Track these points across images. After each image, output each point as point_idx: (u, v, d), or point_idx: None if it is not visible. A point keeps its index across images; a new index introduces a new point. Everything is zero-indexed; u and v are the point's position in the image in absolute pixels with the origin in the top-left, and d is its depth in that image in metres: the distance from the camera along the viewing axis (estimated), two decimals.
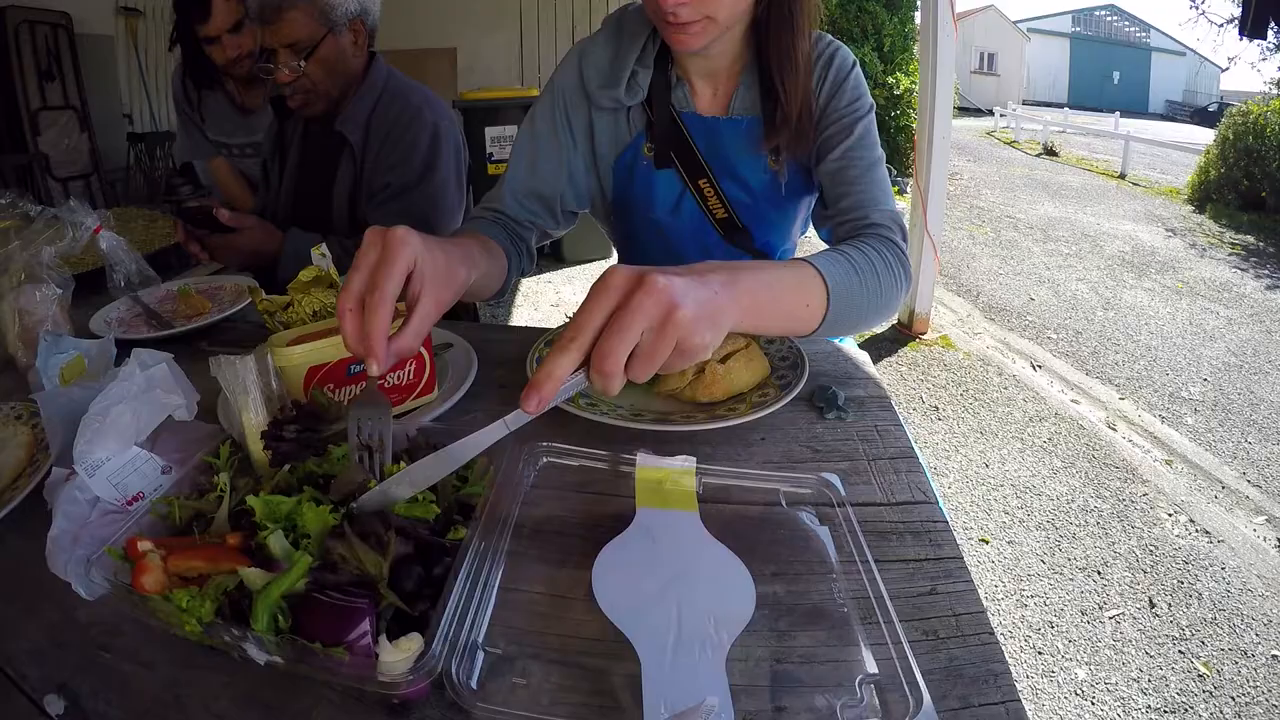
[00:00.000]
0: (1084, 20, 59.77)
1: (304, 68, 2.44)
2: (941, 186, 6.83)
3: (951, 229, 12.13)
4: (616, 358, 0.88)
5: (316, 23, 2.43)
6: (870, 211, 1.66)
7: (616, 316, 0.89)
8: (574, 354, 0.89)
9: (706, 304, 0.96)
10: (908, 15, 16.10)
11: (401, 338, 1.09)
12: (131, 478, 1.09)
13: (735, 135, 1.87)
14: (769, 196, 1.92)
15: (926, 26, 6.56)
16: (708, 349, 0.96)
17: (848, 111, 1.78)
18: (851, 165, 1.73)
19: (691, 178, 1.91)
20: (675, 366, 0.95)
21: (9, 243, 1.70)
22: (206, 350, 1.83)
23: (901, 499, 1.23)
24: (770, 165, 1.87)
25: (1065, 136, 25.38)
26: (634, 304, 0.89)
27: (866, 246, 1.51)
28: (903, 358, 6.74)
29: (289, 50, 2.42)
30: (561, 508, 1.16)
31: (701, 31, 1.57)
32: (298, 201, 2.80)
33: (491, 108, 8.56)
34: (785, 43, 1.71)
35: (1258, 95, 16.83)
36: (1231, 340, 7.46)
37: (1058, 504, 4.56)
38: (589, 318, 0.90)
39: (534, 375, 0.90)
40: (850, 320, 1.42)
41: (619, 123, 1.93)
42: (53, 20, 8.76)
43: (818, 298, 1.31)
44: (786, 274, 1.27)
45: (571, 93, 1.92)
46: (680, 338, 0.91)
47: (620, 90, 1.82)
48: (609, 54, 1.87)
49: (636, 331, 0.89)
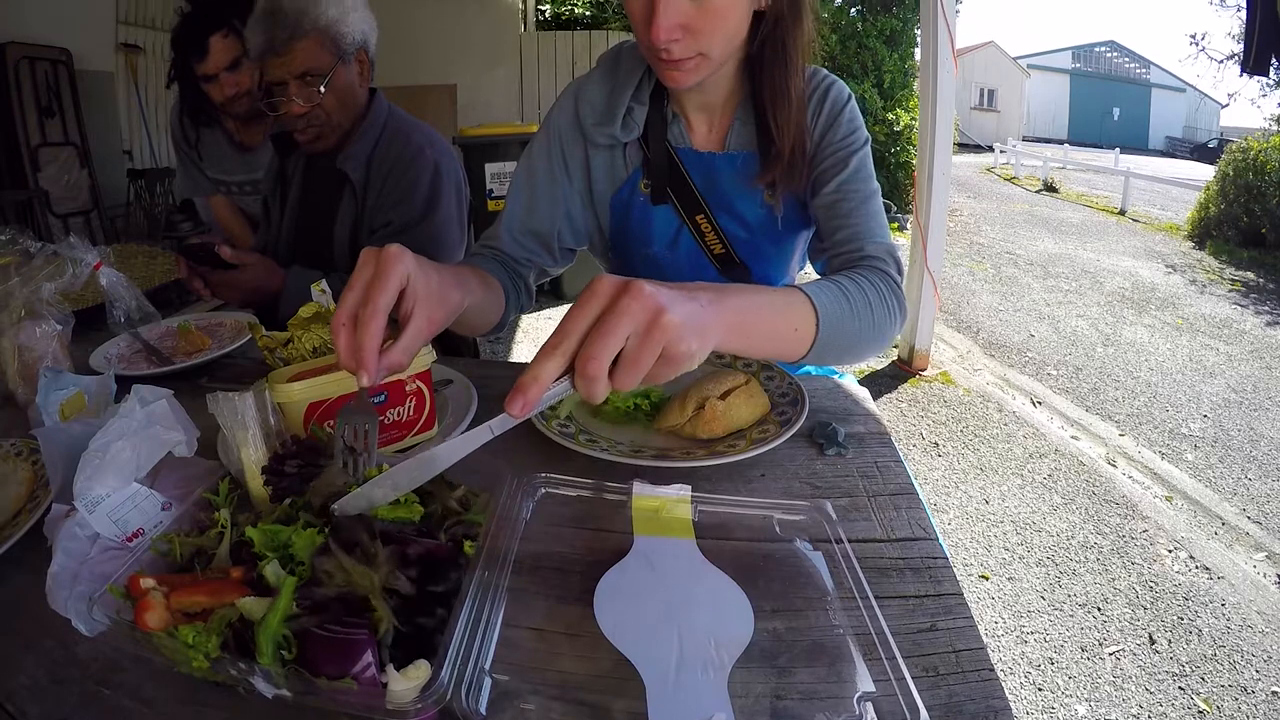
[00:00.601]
0: (1084, 56, 60.10)
1: (322, 96, 2.44)
2: (941, 222, 6.85)
3: (951, 265, 12.17)
4: (600, 361, 0.88)
5: (328, 52, 2.43)
6: (865, 244, 1.68)
7: (601, 320, 0.90)
8: (559, 359, 0.90)
9: (693, 314, 0.96)
10: (908, 51, 16.25)
11: (392, 352, 1.09)
12: (131, 514, 1.08)
13: (731, 171, 1.88)
14: (766, 231, 1.94)
15: (927, 63, 6.59)
16: (694, 358, 0.96)
17: (842, 145, 1.79)
18: (846, 198, 1.74)
19: (688, 213, 1.92)
20: (660, 376, 0.94)
21: (9, 279, 1.70)
22: (206, 386, 1.85)
23: (901, 535, 1.23)
24: (766, 199, 1.89)
25: (1065, 173, 25.47)
26: (620, 307, 0.89)
27: (859, 277, 1.52)
28: (903, 394, 6.74)
29: (300, 81, 2.41)
30: (560, 542, 1.16)
31: (694, 68, 1.59)
32: (299, 238, 2.81)
33: (491, 144, 8.57)
34: (779, 78, 1.72)
35: (1258, 131, 16.84)
36: (1231, 377, 7.46)
37: (1058, 540, 4.54)
38: (574, 323, 0.91)
39: (520, 378, 0.91)
40: (841, 348, 1.42)
41: (615, 159, 1.95)
42: (53, 56, 8.83)
43: (807, 323, 1.32)
44: (775, 297, 1.28)
45: (567, 130, 1.94)
46: (667, 343, 0.91)
47: (616, 127, 1.85)
48: (604, 91, 1.89)
49: (621, 335, 0.89)
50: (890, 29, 16.33)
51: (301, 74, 2.40)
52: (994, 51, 50.87)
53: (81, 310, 1.92)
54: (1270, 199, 13.46)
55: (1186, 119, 58.56)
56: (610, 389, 0.91)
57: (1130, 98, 58.43)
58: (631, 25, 1.59)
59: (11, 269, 1.72)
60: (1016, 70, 51.60)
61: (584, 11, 18.20)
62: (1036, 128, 54.92)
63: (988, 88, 50.73)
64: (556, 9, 18.26)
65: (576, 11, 18.24)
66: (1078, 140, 49.68)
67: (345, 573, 0.89)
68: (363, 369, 1.04)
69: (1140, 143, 53.86)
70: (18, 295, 1.70)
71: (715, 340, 1.02)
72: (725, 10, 1.51)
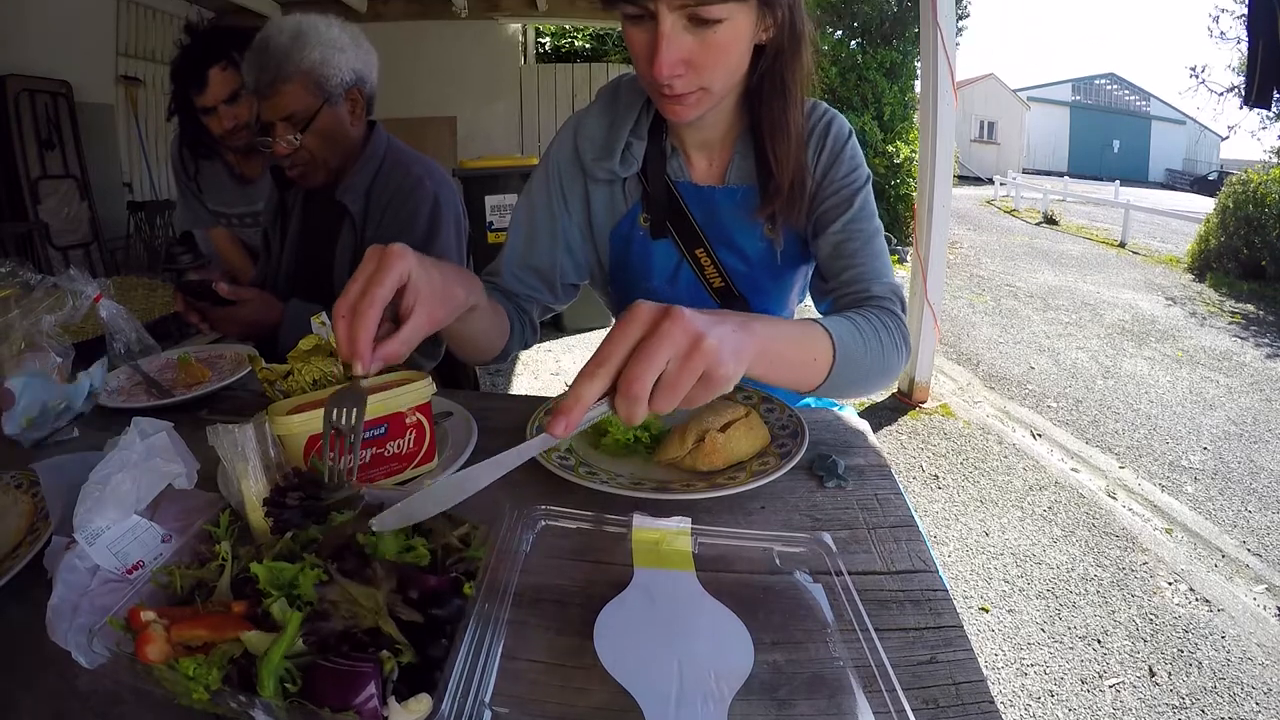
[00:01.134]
0: (1084, 89, 60.39)
1: (300, 140, 2.46)
2: (941, 255, 6.87)
3: (951, 297, 12.20)
4: (644, 382, 0.90)
5: (312, 95, 2.44)
6: (871, 284, 1.70)
7: (644, 343, 0.92)
8: (601, 379, 0.91)
9: (729, 337, 0.98)
10: (908, 84, 16.34)
11: (390, 343, 1.13)
12: (132, 546, 1.08)
13: (731, 205, 1.89)
14: (766, 265, 1.94)
15: (927, 95, 6.63)
16: (731, 381, 0.98)
17: (845, 183, 1.81)
18: (851, 238, 1.76)
19: (688, 247, 1.93)
20: (698, 399, 0.96)
21: (9, 311, 1.70)
22: (206, 419, 1.84)
23: (901, 568, 1.23)
24: (766, 233, 1.89)
25: (1065, 205, 25.59)
26: (662, 331, 0.91)
27: (871, 315, 1.56)
28: (903, 426, 6.74)
29: (286, 123, 2.43)
30: (560, 574, 1.16)
31: (696, 103, 1.60)
32: (298, 270, 2.82)
33: (491, 176, 8.64)
34: (778, 112, 1.73)
35: (1258, 164, 16.89)
36: (1231, 409, 7.46)
37: (1058, 572, 4.54)
38: (616, 346, 0.93)
39: (562, 400, 0.92)
40: (852, 381, 1.46)
41: (615, 194, 1.96)
42: (53, 89, 8.87)
43: (824, 354, 1.36)
44: (795, 328, 1.31)
45: (566, 165, 1.95)
46: (708, 366, 0.93)
47: (615, 161, 1.85)
48: (603, 125, 1.90)
49: (663, 358, 0.91)
50: (890, 61, 16.42)
51: (286, 116, 2.43)
52: (994, 84, 51.07)
53: (81, 342, 1.91)
54: (1270, 231, 13.53)
55: (1186, 151, 58.78)
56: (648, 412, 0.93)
57: (1130, 130, 58.69)
58: (632, 59, 1.60)
59: (11, 301, 1.72)
60: (1016, 102, 51.78)
61: (584, 44, 18.31)
62: (1036, 160, 55.13)
63: (988, 120, 50.86)
64: (556, 42, 18.37)
65: (576, 44, 18.33)
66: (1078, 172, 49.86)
67: (350, 601, 0.89)
68: (356, 357, 1.07)
69: (1140, 175, 54.15)
70: (18, 328, 1.70)
71: (747, 363, 1.04)
72: (727, 45, 1.50)
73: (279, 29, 2.40)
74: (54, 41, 8.98)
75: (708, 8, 1.41)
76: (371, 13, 11.93)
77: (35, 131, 8.63)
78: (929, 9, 6.27)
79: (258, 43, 2.39)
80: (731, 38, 1.50)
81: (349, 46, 2.52)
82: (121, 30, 10.27)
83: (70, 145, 9.13)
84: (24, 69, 8.43)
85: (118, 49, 10.28)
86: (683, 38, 1.46)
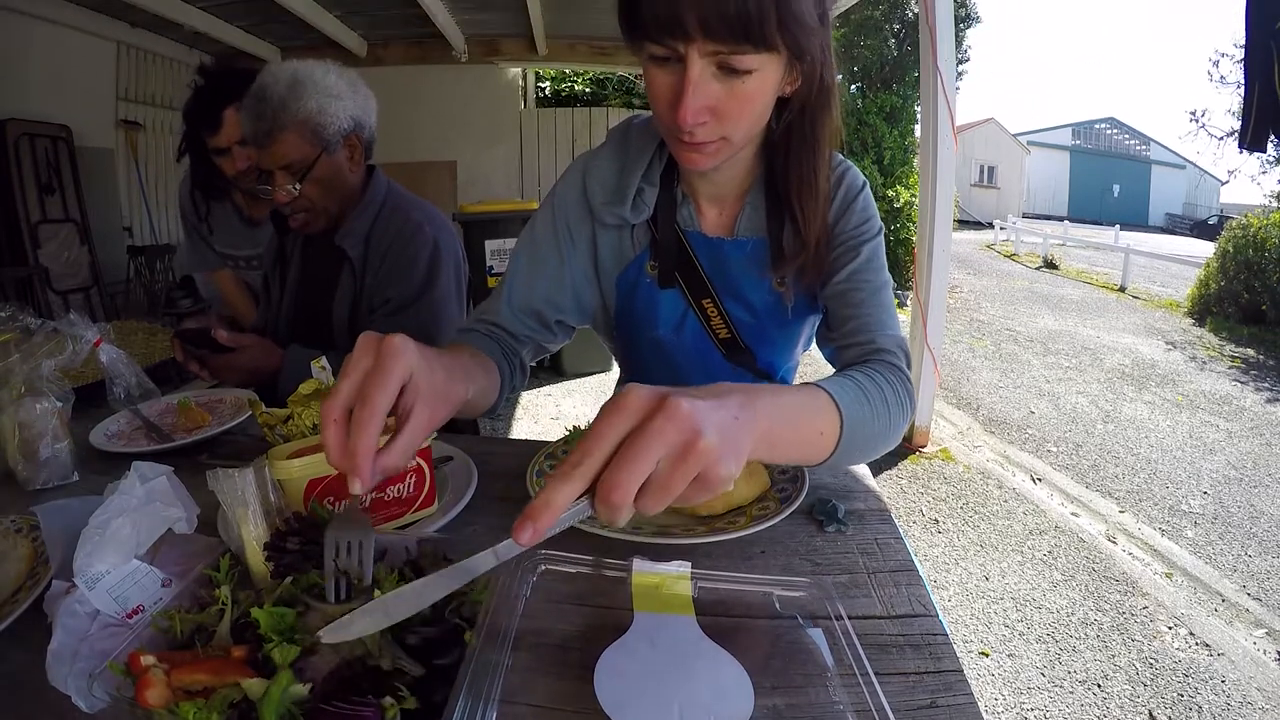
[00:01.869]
0: (1084, 133, 60.61)
1: (299, 190, 2.46)
2: (941, 299, 6.88)
3: (951, 342, 12.26)
4: (626, 490, 0.80)
5: (309, 144, 2.44)
6: (877, 336, 1.64)
7: (631, 441, 0.81)
8: (577, 483, 0.81)
9: (729, 430, 0.88)
10: (908, 128, 16.47)
11: (389, 454, 1.02)
12: (132, 591, 1.08)
13: (740, 257, 1.86)
14: (773, 317, 1.91)
15: (927, 139, 6.66)
16: (730, 481, 0.87)
17: (856, 234, 1.77)
18: (858, 288, 1.72)
19: (695, 297, 1.89)
20: (692, 499, 0.86)
21: (9, 356, 1.71)
22: (206, 463, 1.83)
23: (901, 612, 1.23)
24: (776, 287, 1.86)
25: (1065, 249, 25.70)
26: (653, 428, 0.81)
27: (876, 375, 1.47)
28: (903, 471, 6.74)
29: (284, 172, 2.43)
30: (560, 619, 1.15)
31: (715, 152, 1.55)
32: (298, 315, 2.82)
33: (491, 220, 8.68)
34: (807, 166, 1.69)
35: (1258, 208, 17.05)
36: (1231, 453, 7.48)
37: (1058, 617, 4.53)
38: (599, 442, 0.82)
39: (531, 503, 0.81)
40: (859, 450, 1.36)
41: (623, 239, 1.92)
42: (53, 133, 8.88)
43: (831, 426, 1.24)
44: (802, 399, 1.20)
45: (574, 207, 1.91)
46: (704, 468, 0.83)
47: (626, 208, 1.81)
48: (614, 169, 1.85)
49: (652, 460, 0.80)
50: (890, 106, 16.59)
51: (284, 165, 2.43)
52: (994, 128, 51.15)
53: (81, 387, 1.93)
54: (1270, 276, 13.62)
55: (1187, 195, 59.05)
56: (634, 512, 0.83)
57: (1130, 174, 58.90)
58: (652, 104, 1.54)
59: (11, 346, 1.72)
60: (1016, 147, 51.88)
61: (584, 89, 18.32)
62: (1036, 204, 55.27)
63: (988, 164, 50.81)
64: (556, 86, 18.38)
65: (577, 89, 18.36)
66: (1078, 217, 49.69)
67: None
68: (355, 475, 0.97)
69: (1140, 219, 54.40)
70: (18, 372, 1.71)
71: (748, 451, 0.93)
72: (754, 96, 1.46)
73: (275, 78, 2.41)
74: (54, 85, 9.02)
75: (740, 57, 1.36)
76: (371, 57, 11.99)
77: (35, 176, 8.62)
78: (929, 53, 6.33)
79: (255, 91, 2.40)
80: (759, 89, 1.45)
81: (346, 93, 2.52)
82: (121, 75, 10.30)
83: (70, 189, 9.12)
84: (24, 113, 8.45)
85: (118, 93, 10.31)
86: (710, 85, 1.41)
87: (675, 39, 1.34)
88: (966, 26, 20.28)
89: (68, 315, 1.83)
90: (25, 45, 8.53)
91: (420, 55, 12.16)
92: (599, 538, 1.38)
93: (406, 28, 11.00)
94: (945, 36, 6.27)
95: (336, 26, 10.50)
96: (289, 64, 2.46)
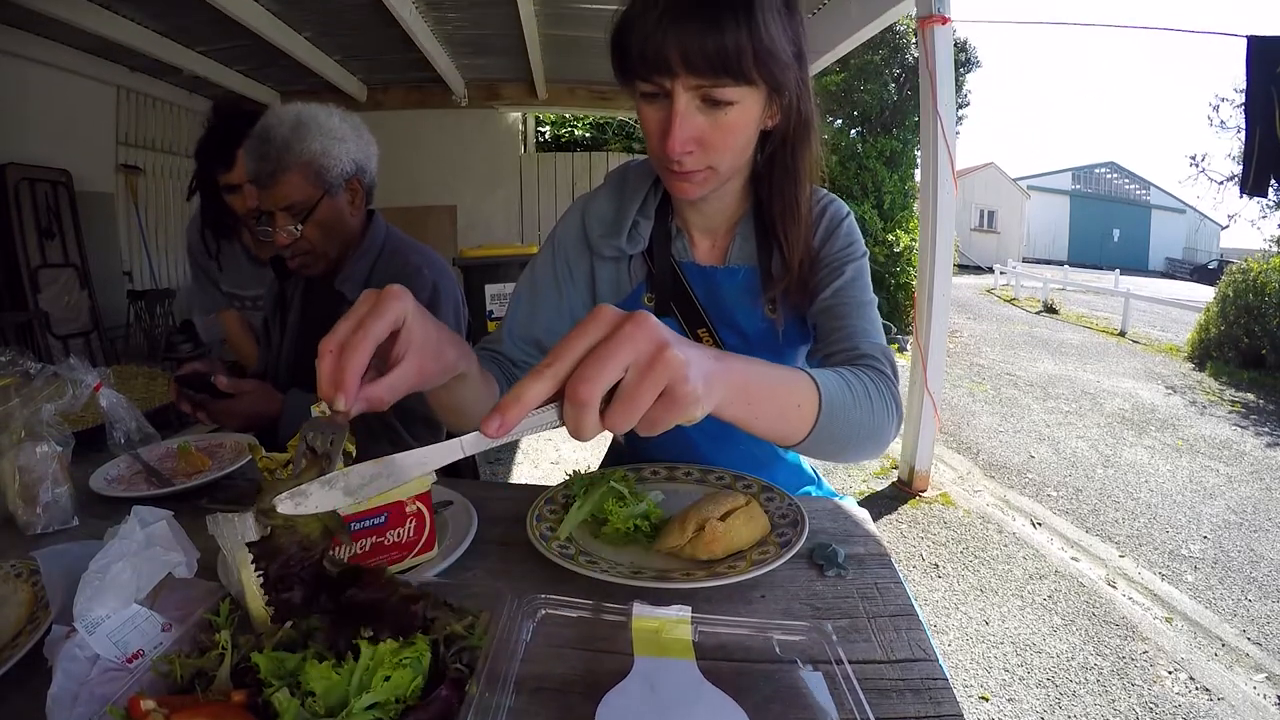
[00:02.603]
0: (1084, 177, 60.67)
1: (301, 231, 2.46)
2: (941, 344, 6.88)
3: (951, 386, 12.24)
4: (593, 386, 0.82)
5: (312, 185, 2.45)
6: (860, 343, 1.70)
7: (601, 344, 0.84)
8: (548, 380, 0.84)
9: (700, 359, 0.91)
10: (908, 173, 16.55)
11: (376, 385, 1.06)
12: (132, 635, 1.08)
13: (732, 285, 1.95)
14: (766, 344, 1.97)
15: (927, 184, 6.68)
16: (698, 404, 0.89)
17: (840, 255, 1.86)
18: (844, 302, 1.79)
19: (690, 325, 1.97)
20: (659, 422, 0.87)
21: (9, 400, 1.71)
22: (206, 507, 1.81)
23: (901, 656, 1.23)
24: (768, 314, 1.94)
25: (1065, 294, 25.81)
26: (623, 334, 0.84)
27: (860, 372, 1.51)
28: (903, 515, 6.72)
29: (285, 213, 2.44)
30: (560, 663, 1.16)
31: (703, 181, 1.67)
32: (298, 360, 2.81)
33: (492, 265, 8.79)
34: (789, 194, 1.80)
35: (1258, 253, 17.15)
36: (1231, 498, 7.45)
37: (1058, 661, 4.51)
38: (569, 346, 0.85)
39: (502, 398, 0.84)
40: (840, 438, 1.36)
41: (620, 272, 2.01)
42: (53, 178, 8.92)
43: (809, 401, 1.26)
44: (780, 370, 1.22)
45: (573, 244, 2.01)
46: (670, 380, 0.85)
47: (622, 239, 1.92)
48: (612, 206, 1.97)
49: (621, 364, 0.83)
50: (890, 150, 16.65)
51: (286, 206, 2.43)
52: (994, 172, 51.10)
53: (81, 431, 1.95)
54: (1270, 320, 13.60)
55: (1187, 240, 59.14)
56: (601, 428, 0.85)
57: (1130, 219, 58.93)
58: (645, 135, 1.68)
59: (12, 390, 1.73)
60: (1016, 191, 51.81)
61: (584, 133, 18.41)
62: (1036, 249, 55.23)
63: (988, 209, 50.73)
64: (556, 130, 18.49)
65: (576, 133, 18.44)
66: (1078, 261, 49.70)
67: None
68: (341, 390, 0.99)
69: (1140, 264, 54.36)
70: (18, 416, 1.71)
71: (720, 395, 0.97)
72: (736, 127, 1.59)
73: (279, 119, 2.42)
74: (54, 130, 9.06)
75: (720, 90, 1.50)
76: (371, 101, 12.08)
77: (35, 220, 8.65)
78: (929, 97, 6.37)
79: (258, 132, 2.41)
80: (741, 120, 1.58)
81: (349, 136, 2.54)
82: (121, 119, 10.36)
83: (70, 234, 9.14)
84: (24, 157, 8.48)
85: (117, 138, 10.36)
86: (695, 117, 1.55)
87: (661, 75, 1.50)
88: (966, 71, 20.35)
89: (68, 360, 1.84)
90: (25, 90, 8.60)
91: (420, 100, 12.30)
92: (599, 582, 1.38)
93: (406, 72, 11.12)
94: (945, 81, 6.32)
95: (337, 71, 10.61)
96: (293, 106, 2.47)
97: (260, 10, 7.83)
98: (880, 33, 8.52)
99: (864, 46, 12.39)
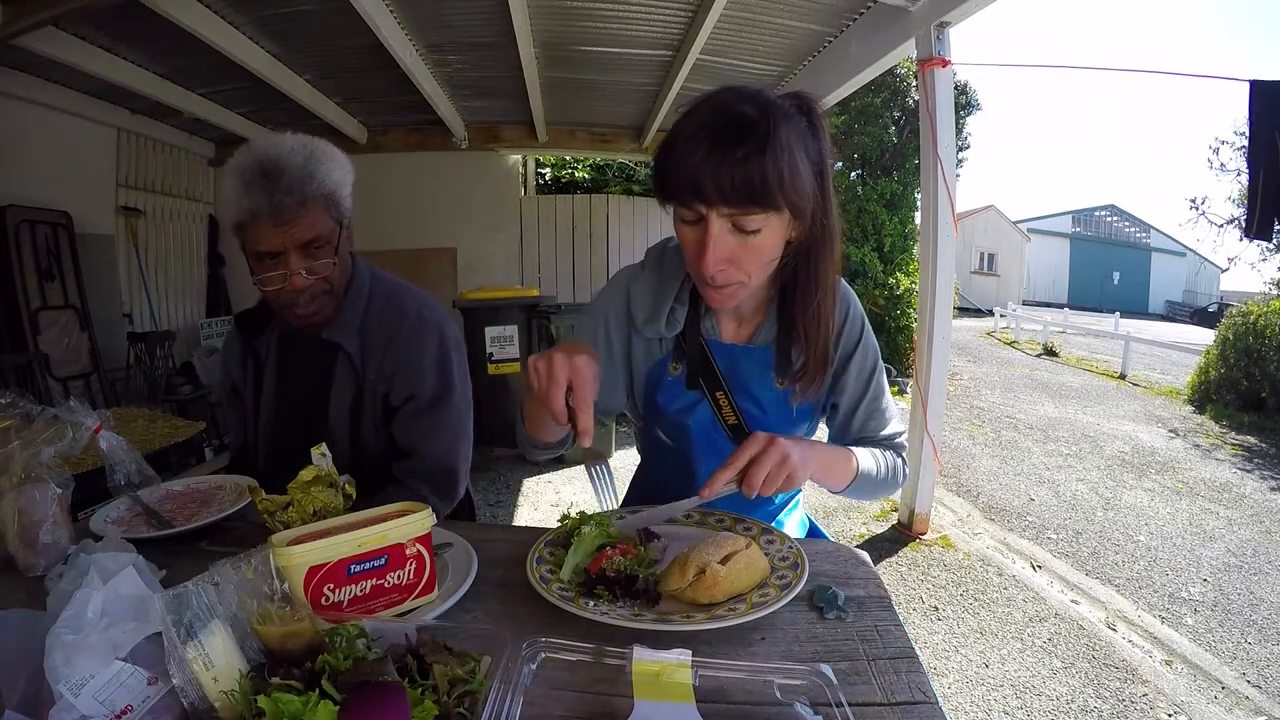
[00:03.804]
0: (1084, 220, 60.77)
1: (334, 266, 2.31)
2: (941, 387, 6.91)
3: (951, 429, 12.25)
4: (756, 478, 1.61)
5: (332, 217, 2.30)
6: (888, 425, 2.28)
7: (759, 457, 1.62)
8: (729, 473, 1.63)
9: (805, 456, 1.69)
10: (908, 215, 16.62)
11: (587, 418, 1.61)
12: (118, 692, 1.07)
13: (750, 361, 2.16)
14: (779, 413, 2.19)
15: (927, 226, 6.72)
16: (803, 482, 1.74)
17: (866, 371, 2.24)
18: (872, 415, 2.25)
19: (710, 390, 2.18)
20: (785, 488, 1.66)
21: (9, 442, 1.72)
22: (206, 550, 1.87)
23: (901, 699, 1.24)
24: (777, 385, 2.17)
25: (1065, 337, 25.90)
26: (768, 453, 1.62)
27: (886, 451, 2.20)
28: (903, 558, 6.71)
29: (302, 251, 2.24)
30: (561, 706, 1.17)
31: (734, 294, 1.89)
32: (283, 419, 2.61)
33: (491, 308, 8.77)
34: (812, 301, 2.02)
35: (1258, 296, 17.02)
36: (1231, 541, 7.44)
37: (1058, 704, 4.49)
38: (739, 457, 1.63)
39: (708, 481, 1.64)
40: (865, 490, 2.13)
41: (652, 345, 2.25)
42: (53, 220, 8.88)
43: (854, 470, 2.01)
44: (840, 451, 2.01)
45: (616, 318, 2.25)
46: (790, 472, 1.63)
47: (661, 325, 2.13)
48: (652, 287, 2.18)
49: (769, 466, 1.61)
50: (890, 192, 16.70)
51: (306, 243, 2.24)
52: (994, 215, 51.27)
53: (81, 474, 1.93)
54: (1270, 363, 13.54)
55: (1186, 283, 59.31)
56: None
57: (1130, 262, 59.10)
58: (683, 252, 1.90)
59: (12, 432, 1.74)
60: (1016, 234, 51.97)
61: (584, 175, 18.38)
62: (1037, 291, 55.25)
63: (988, 251, 50.88)
64: (557, 173, 18.42)
65: (577, 175, 18.43)
66: (1078, 304, 49.81)
67: None
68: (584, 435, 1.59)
69: (1140, 306, 54.50)
70: (18, 459, 1.72)
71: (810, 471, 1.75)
72: (764, 247, 1.79)
73: (289, 149, 2.22)
74: (54, 172, 9.04)
75: (750, 217, 1.71)
76: (372, 144, 12.05)
77: (35, 262, 8.60)
78: (929, 140, 6.41)
79: (268, 166, 2.17)
80: (769, 240, 1.79)
81: (347, 166, 2.38)
82: (122, 161, 10.32)
83: (70, 276, 9.08)
84: (24, 199, 8.45)
85: (118, 180, 10.31)
86: (727, 239, 1.75)
87: (698, 203, 1.71)
88: (967, 114, 20.38)
89: (68, 402, 1.85)
90: (25, 131, 8.60)
91: (421, 142, 12.26)
92: (600, 625, 1.39)
93: (407, 115, 11.14)
94: (945, 124, 6.36)
95: (337, 113, 10.62)
96: (286, 135, 2.30)
97: (261, 53, 7.88)
98: (881, 75, 8.53)
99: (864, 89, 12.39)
